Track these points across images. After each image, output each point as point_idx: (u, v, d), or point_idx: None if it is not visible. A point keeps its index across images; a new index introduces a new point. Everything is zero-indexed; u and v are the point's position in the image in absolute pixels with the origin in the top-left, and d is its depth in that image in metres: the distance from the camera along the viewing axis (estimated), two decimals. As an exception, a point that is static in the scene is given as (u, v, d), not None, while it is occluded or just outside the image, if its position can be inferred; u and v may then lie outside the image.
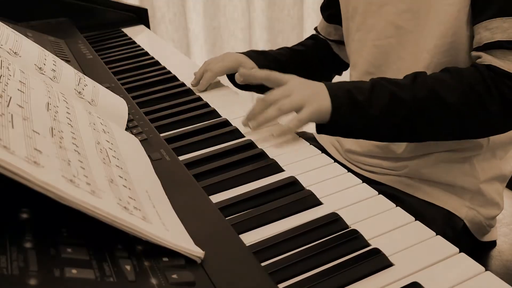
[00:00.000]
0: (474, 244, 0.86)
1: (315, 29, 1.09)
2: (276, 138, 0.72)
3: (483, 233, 0.86)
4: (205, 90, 0.92)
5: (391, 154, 0.86)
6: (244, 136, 0.74)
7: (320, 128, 0.73)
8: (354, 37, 0.91)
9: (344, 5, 0.93)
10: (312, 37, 1.09)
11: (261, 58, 0.95)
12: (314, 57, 1.03)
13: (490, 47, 0.72)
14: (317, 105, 0.70)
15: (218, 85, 0.95)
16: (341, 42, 1.01)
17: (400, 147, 0.84)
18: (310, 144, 0.71)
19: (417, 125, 0.72)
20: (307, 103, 0.70)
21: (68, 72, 0.72)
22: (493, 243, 0.88)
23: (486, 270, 0.47)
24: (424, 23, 0.78)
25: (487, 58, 0.72)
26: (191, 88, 0.92)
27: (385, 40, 0.84)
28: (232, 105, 0.85)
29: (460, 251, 0.49)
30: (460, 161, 0.83)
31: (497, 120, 0.73)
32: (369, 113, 0.70)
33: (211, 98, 0.88)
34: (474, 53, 0.75)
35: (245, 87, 0.91)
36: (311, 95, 0.70)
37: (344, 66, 1.07)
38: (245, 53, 0.95)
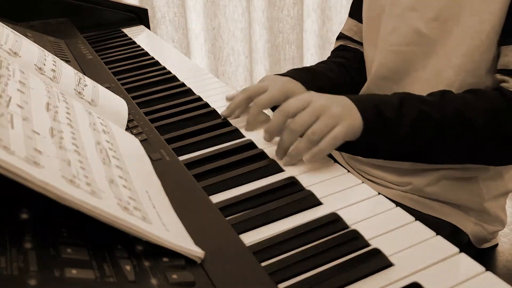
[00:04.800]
0: (476, 251, 0.86)
1: (342, 36, 1.00)
2: (276, 139, 0.70)
3: (483, 243, 0.86)
4: (205, 90, 0.92)
5: (393, 165, 0.84)
6: (244, 136, 0.74)
7: (340, 147, 0.66)
8: (373, 38, 0.87)
9: (368, 2, 0.89)
10: (341, 48, 1.00)
11: (308, 77, 0.84)
12: (357, 69, 0.95)
13: None
14: (350, 120, 0.63)
15: (218, 85, 0.95)
16: None
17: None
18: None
19: (440, 146, 0.68)
20: (339, 121, 0.63)
21: (68, 72, 0.72)
22: (493, 246, 0.89)
23: (486, 270, 0.47)
24: (450, 34, 0.75)
25: None
26: (192, 89, 0.92)
27: (407, 47, 0.80)
28: (232, 105, 0.85)
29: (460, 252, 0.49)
30: (464, 180, 0.81)
31: None
32: (397, 131, 0.66)
33: (211, 98, 0.88)
34: (499, 76, 0.72)
35: None
36: (341, 112, 0.64)
37: None
38: (289, 75, 0.84)
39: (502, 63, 0.71)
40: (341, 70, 0.92)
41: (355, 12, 0.97)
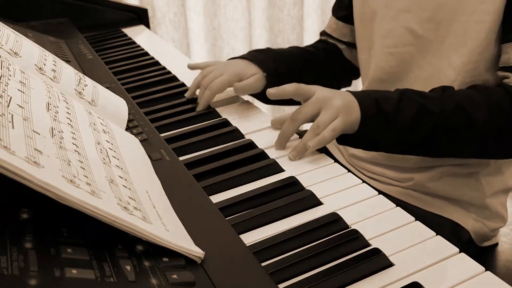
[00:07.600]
0: (477, 250, 0.86)
1: (323, 33, 1.03)
2: (279, 140, 0.71)
3: (485, 241, 0.86)
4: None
5: (395, 163, 0.84)
6: (244, 137, 0.74)
7: (343, 140, 0.70)
8: (367, 42, 0.88)
9: (360, 6, 0.89)
10: (320, 41, 1.03)
11: (264, 58, 0.87)
12: (327, 61, 0.97)
13: None
14: (349, 113, 0.67)
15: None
16: (354, 46, 0.96)
17: (406, 158, 0.82)
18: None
19: (442, 139, 0.70)
20: (339, 113, 0.67)
21: (68, 72, 0.72)
22: (493, 245, 0.88)
23: (486, 270, 0.47)
24: (446, 35, 0.76)
25: None
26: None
27: (403, 48, 0.81)
28: (232, 105, 0.85)
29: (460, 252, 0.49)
30: (466, 176, 0.82)
31: None
32: (396, 125, 0.68)
33: (211, 98, 0.87)
34: (500, 73, 0.73)
35: (273, 101, 0.82)
36: (342, 105, 0.67)
37: (356, 73, 1.01)
38: (246, 56, 0.88)
39: (503, 61, 0.72)
40: (305, 58, 0.94)
41: (336, 10, 1.00)
